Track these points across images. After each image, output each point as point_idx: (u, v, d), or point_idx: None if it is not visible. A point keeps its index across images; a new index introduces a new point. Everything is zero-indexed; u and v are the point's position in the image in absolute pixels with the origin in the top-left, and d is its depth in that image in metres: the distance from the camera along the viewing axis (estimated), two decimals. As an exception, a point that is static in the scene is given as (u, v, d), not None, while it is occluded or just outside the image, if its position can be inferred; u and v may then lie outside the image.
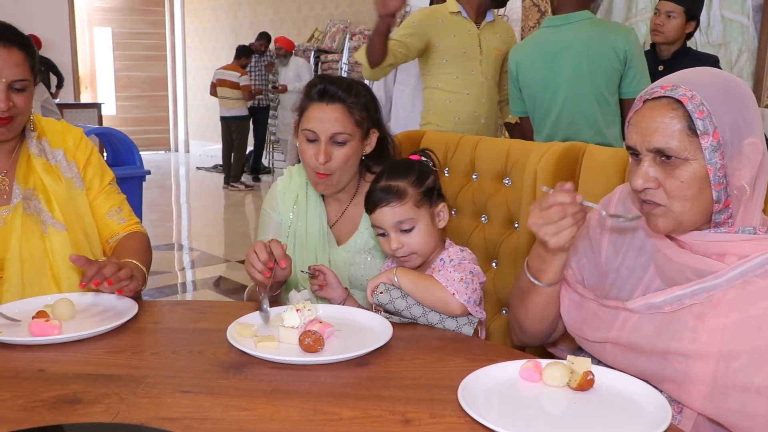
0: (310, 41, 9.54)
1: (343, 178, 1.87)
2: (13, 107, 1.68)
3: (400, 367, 1.31)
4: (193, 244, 6.17)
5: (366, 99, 1.86)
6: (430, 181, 1.69)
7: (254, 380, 1.24)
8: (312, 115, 1.82)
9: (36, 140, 1.85)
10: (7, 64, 1.66)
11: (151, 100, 13.03)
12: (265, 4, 11.09)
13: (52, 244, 1.78)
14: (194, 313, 1.59)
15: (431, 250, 1.69)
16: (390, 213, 1.65)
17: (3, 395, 1.18)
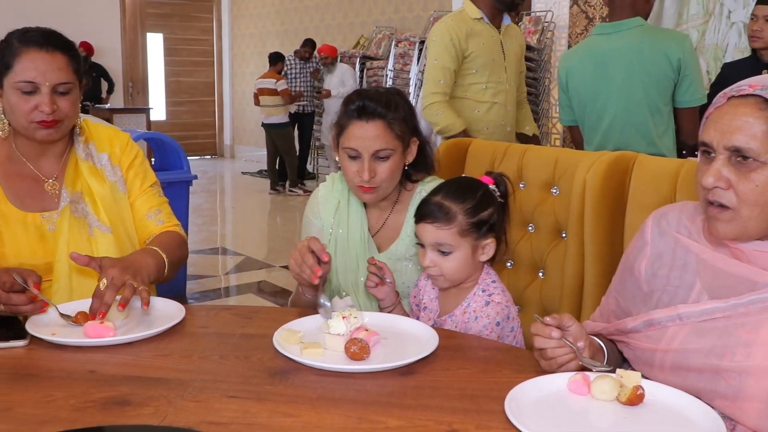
0: (356, 48, 9.58)
1: (389, 189, 1.87)
2: (57, 110, 1.72)
3: (445, 377, 1.30)
4: (237, 249, 6.22)
5: (405, 110, 1.85)
6: (485, 213, 1.64)
7: (300, 387, 1.25)
8: (353, 133, 1.81)
9: (83, 144, 1.89)
10: (51, 68, 1.70)
11: (198, 105, 13.22)
12: (311, 11, 11.18)
13: (98, 247, 1.81)
14: (241, 318, 1.61)
15: (462, 280, 1.67)
16: (432, 232, 1.63)
17: (56, 395, 1.21)
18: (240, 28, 12.99)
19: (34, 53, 1.70)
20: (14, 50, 1.71)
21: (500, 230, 1.70)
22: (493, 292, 1.65)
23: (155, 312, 1.59)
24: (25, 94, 1.70)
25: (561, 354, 1.27)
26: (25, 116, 1.71)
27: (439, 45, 3.15)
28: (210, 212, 8.18)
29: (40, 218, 1.80)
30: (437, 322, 1.68)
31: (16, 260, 1.74)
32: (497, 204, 1.68)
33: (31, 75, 1.69)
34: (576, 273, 1.89)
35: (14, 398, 1.19)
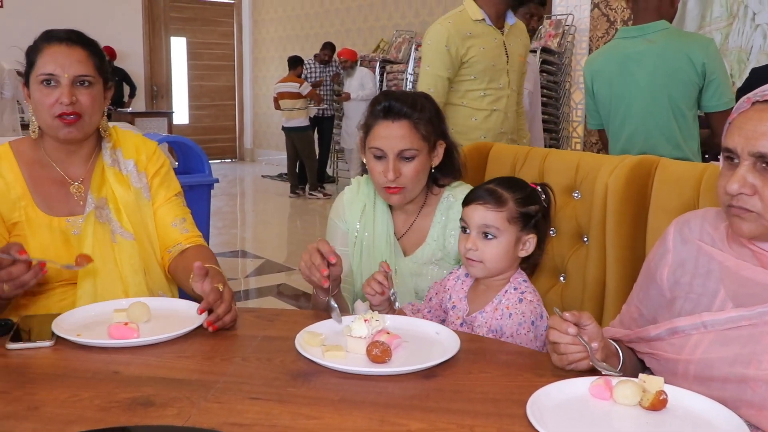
0: (376, 51, 9.60)
1: (415, 191, 1.88)
2: (77, 103, 1.74)
3: (467, 381, 1.30)
4: (257, 252, 6.25)
5: (431, 112, 1.86)
6: (533, 208, 1.68)
7: (322, 389, 1.25)
8: (378, 132, 1.83)
9: (111, 150, 1.91)
10: (70, 61, 1.74)
11: (219, 109, 13.30)
12: (331, 15, 11.22)
13: (121, 253, 1.83)
14: (262, 321, 1.61)
15: (500, 271, 1.68)
16: (482, 213, 1.65)
17: (81, 395, 1.22)
18: (261, 33, 13.06)
19: (54, 47, 1.75)
20: (37, 48, 1.77)
21: (542, 235, 1.72)
22: (525, 290, 1.66)
23: (178, 314, 1.60)
24: (46, 88, 1.73)
25: (573, 351, 1.27)
26: (47, 111, 1.73)
27: (432, 50, 2.94)
28: (230, 215, 8.22)
29: (66, 222, 1.81)
30: (467, 320, 1.68)
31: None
32: (542, 206, 1.72)
33: (51, 67, 1.73)
34: (597, 277, 1.88)
35: (41, 397, 1.21)
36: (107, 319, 1.54)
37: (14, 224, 1.79)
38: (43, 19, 10.18)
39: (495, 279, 1.70)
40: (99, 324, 1.53)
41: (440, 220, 1.92)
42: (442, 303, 1.79)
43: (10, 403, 1.19)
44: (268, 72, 12.90)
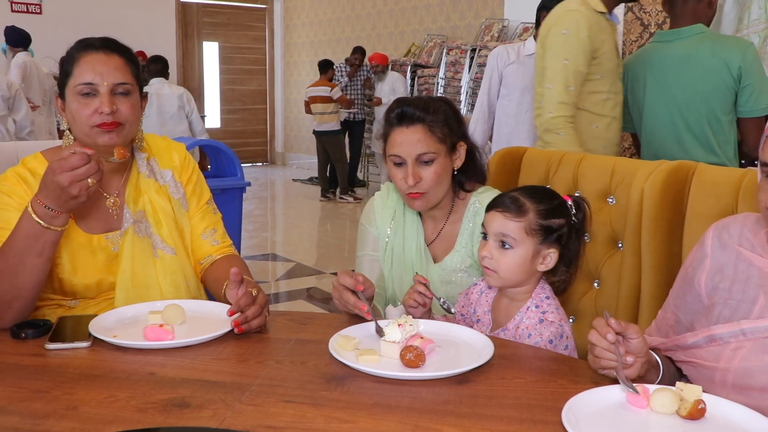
0: (407, 56, 9.61)
1: (437, 195, 1.87)
2: (117, 112, 1.68)
3: (501, 386, 1.29)
4: (288, 255, 6.28)
5: (446, 114, 1.85)
6: (556, 222, 1.63)
7: (356, 393, 1.25)
8: (395, 139, 1.83)
9: (146, 161, 1.86)
10: (108, 69, 1.68)
11: (251, 113, 13.39)
12: (362, 19, 11.25)
13: (162, 268, 1.79)
14: (295, 324, 1.62)
15: (517, 283, 1.65)
16: (500, 221, 1.62)
17: (118, 395, 1.23)
18: (292, 37, 13.14)
19: (91, 56, 1.69)
20: (73, 57, 1.71)
21: (569, 251, 1.67)
22: (546, 310, 1.62)
23: (212, 316, 1.61)
24: (84, 98, 1.67)
25: (606, 357, 1.26)
26: (86, 121, 1.67)
27: (572, 40, 2.58)
28: (261, 218, 8.28)
29: (105, 240, 1.77)
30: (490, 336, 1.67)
31: (80, 281, 1.73)
32: (570, 221, 1.67)
33: (89, 76, 1.67)
34: (633, 284, 1.86)
35: (79, 397, 1.23)
36: (143, 320, 1.56)
37: None
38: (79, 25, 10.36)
39: (516, 291, 1.67)
40: (135, 325, 1.55)
41: (468, 226, 1.92)
42: (466, 317, 1.77)
43: (49, 402, 1.21)
44: (299, 76, 12.97)
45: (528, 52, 3.98)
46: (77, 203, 1.52)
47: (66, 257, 1.72)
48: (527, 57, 3.98)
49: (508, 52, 4.03)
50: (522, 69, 3.98)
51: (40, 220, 1.51)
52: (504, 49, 4.07)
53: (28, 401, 1.21)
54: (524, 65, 3.98)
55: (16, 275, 1.55)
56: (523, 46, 4.04)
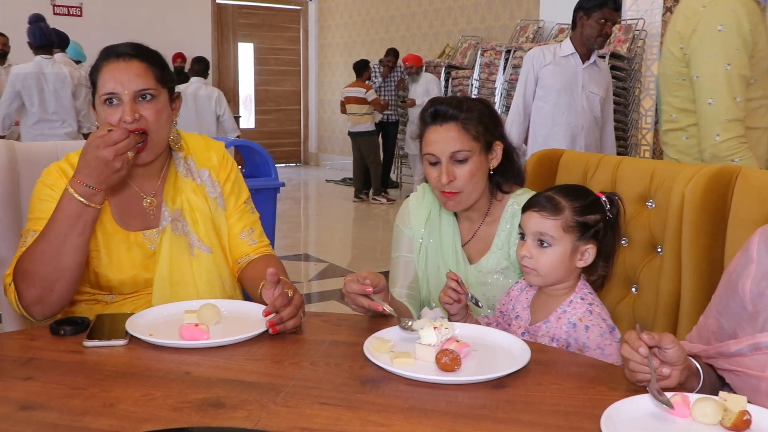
0: (441, 57, 9.58)
1: (472, 195, 1.85)
2: (141, 119, 1.68)
3: (538, 392, 1.27)
4: (320, 256, 6.30)
5: (481, 113, 1.84)
6: (592, 218, 1.64)
7: (391, 396, 1.24)
8: (429, 138, 1.83)
9: (183, 160, 1.87)
10: (128, 76, 1.68)
11: (285, 113, 13.46)
12: (396, 20, 11.25)
13: (198, 267, 1.81)
14: (330, 325, 1.62)
15: (556, 280, 1.65)
16: (537, 220, 1.63)
17: (154, 394, 1.24)
18: (326, 38, 13.18)
19: (112, 65, 1.70)
20: (96, 68, 1.73)
21: (606, 247, 1.67)
22: (593, 302, 1.63)
23: (247, 316, 1.62)
24: (109, 107, 1.69)
25: (641, 371, 1.23)
26: None
27: (733, 37, 2.16)
28: (294, 219, 8.31)
29: (142, 237, 1.80)
30: (530, 330, 1.66)
31: (117, 276, 1.76)
32: (605, 217, 1.67)
33: (111, 86, 1.68)
34: (672, 290, 1.83)
35: (116, 395, 1.23)
36: (178, 319, 1.57)
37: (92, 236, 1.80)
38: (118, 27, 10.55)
39: (556, 288, 1.67)
40: (170, 324, 1.55)
41: (505, 228, 1.90)
42: (504, 314, 1.76)
43: (87, 399, 1.22)
44: (333, 77, 13.01)
45: (564, 53, 3.98)
46: (119, 177, 1.58)
47: (103, 251, 1.76)
48: (563, 58, 3.98)
49: (544, 54, 4.02)
50: (558, 70, 3.97)
51: (82, 198, 1.56)
52: (540, 51, 4.05)
53: (66, 397, 1.23)
54: (561, 66, 3.97)
55: (59, 255, 1.59)
56: (559, 48, 4.03)
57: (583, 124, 3.99)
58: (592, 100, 4.02)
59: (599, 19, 3.82)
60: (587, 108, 4.00)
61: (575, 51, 3.97)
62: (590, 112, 4.01)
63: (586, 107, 3.99)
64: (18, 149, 2.08)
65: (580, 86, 3.98)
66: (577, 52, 3.97)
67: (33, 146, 2.18)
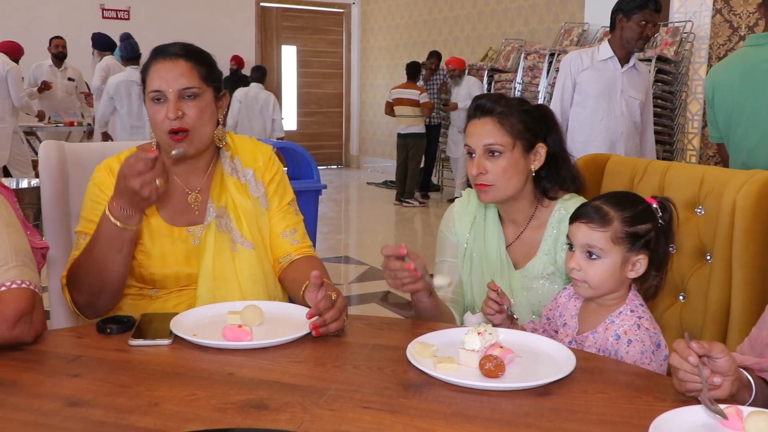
0: (484, 60, 9.54)
1: (506, 190, 1.84)
2: (184, 117, 1.73)
3: (583, 400, 1.25)
4: (361, 258, 6.31)
5: (525, 112, 1.84)
6: (643, 228, 1.58)
7: (434, 401, 1.23)
8: (468, 131, 1.85)
9: (229, 159, 1.91)
10: (173, 75, 1.74)
11: (327, 116, 13.52)
12: (440, 23, 11.23)
13: (240, 262, 1.84)
14: (373, 329, 1.61)
15: (607, 291, 1.60)
16: (585, 232, 1.58)
17: (198, 394, 1.25)
18: (369, 41, 13.21)
19: (159, 64, 1.77)
20: (146, 67, 1.80)
21: (658, 255, 1.62)
22: (643, 316, 1.58)
23: (290, 318, 1.62)
24: (156, 105, 1.75)
25: (691, 380, 1.20)
26: (159, 127, 1.75)
27: None
28: (335, 221, 8.34)
29: (186, 232, 1.84)
30: (577, 339, 1.63)
31: (160, 271, 1.81)
32: (657, 224, 1.61)
33: (157, 84, 1.74)
34: (721, 299, 1.79)
35: (161, 394, 1.24)
36: (222, 320, 1.58)
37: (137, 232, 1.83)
38: (164, 29, 10.72)
39: (606, 298, 1.62)
40: (214, 325, 1.56)
41: (552, 233, 1.87)
42: (551, 320, 1.74)
43: (132, 398, 1.23)
44: (375, 80, 13.04)
45: (602, 57, 3.85)
46: (149, 203, 1.63)
47: (147, 245, 1.81)
48: (602, 62, 3.85)
49: (582, 58, 3.91)
50: (597, 75, 3.85)
51: (117, 221, 1.62)
52: (577, 55, 3.95)
53: (112, 395, 1.24)
54: (599, 71, 3.85)
55: (102, 270, 1.67)
56: (597, 51, 3.91)
57: (622, 130, 3.87)
58: (631, 104, 3.89)
59: (640, 21, 3.69)
60: (626, 113, 3.87)
61: (614, 54, 3.84)
62: (629, 117, 3.89)
63: (625, 112, 3.86)
64: (67, 150, 2.12)
65: (619, 91, 3.85)
66: (615, 56, 3.85)
67: (82, 147, 2.22)
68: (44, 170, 2.05)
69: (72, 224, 2.07)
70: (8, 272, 1.46)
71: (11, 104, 7.10)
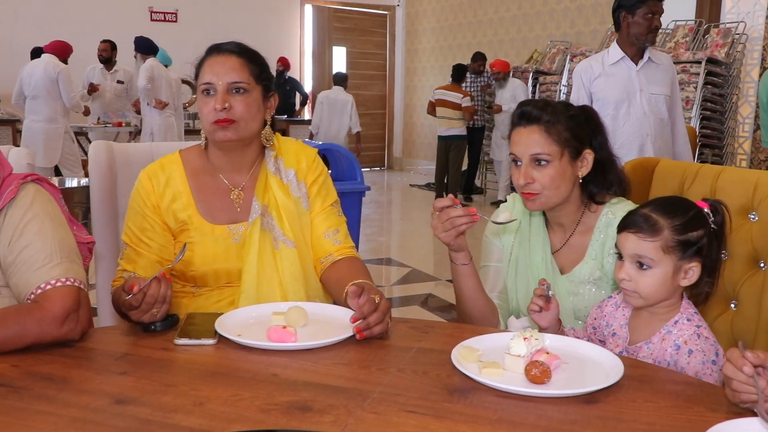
0: (529, 62, 9.46)
1: (553, 198, 1.81)
2: (231, 109, 1.78)
3: (632, 409, 1.22)
4: (403, 260, 6.29)
5: (571, 118, 1.80)
6: (694, 234, 1.53)
7: (479, 407, 1.22)
8: (513, 138, 1.82)
9: (273, 159, 1.94)
10: (224, 69, 1.80)
11: (371, 118, 13.51)
12: (484, 25, 11.17)
13: (282, 261, 1.86)
14: (417, 332, 1.60)
15: (657, 301, 1.56)
16: (634, 242, 1.54)
17: (242, 395, 1.25)
18: (413, 43, 13.21)
19: (213, 59, 1.83)
20: (200, 61, 1.86)
21: (711, 260, 1.57)
22: (701, 324, 1.54)
23: (334, 320, 1.62)
24: (205, 97, 1.81)
25: (746, 391, 1.17)
26: (206, 118, 1.80)
27: None
28: (378, 223, 8.34)
29: (227, 230, 1.86)
30: (629, 350, 1.59)
31: (200, 268, 1.84)
32: (709, 229, 1.56)
33: (208, 77, 1.80)
34: (776, 307, 1.74)
35: (205, 394, 1.25)
36: (266, 321, 1.58)
37: (181, 231, 1.87)
38: (213, 31, 10.82)
39: (658, 307, 1.58)
40: (258, 325, 1.57)
41: (599, 237, 1.84)
42: (597, 330, 1.70)
43: (177, 397, 1.24)
44: (419, 81, 13.02)
45: (613, 60, 3.67)
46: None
47: (187, 244, 1.81)
48: (613, 66, 3.67)
49: (592, 66, 3.72)
50: (611, 81, 3.66)
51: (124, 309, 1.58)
52: (588, 64, 3.76)
53: (158, 394, 1.25)
54: (612, 76, 3.66)
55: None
56: (606, 55, 3.73)
57: (647, 131, 3.66)
58: (654, 101, 3.67)
59: (645, 14, 3.50)
60: (649, 112, 3.66)
61: (624, 54, 3.64)
62: (654, 115, 3.68)
63: (648, 112, 3.65)
64: (116, 150, 2.16)
65: (638, 91, 3.64)
66: (626, 55, 3.64)
67: (129, 147, 2.26)
68: (94, 169, 2.09)
69: (119, 222, 2.11)
70: (54, 269, 1.49)
71: (63, 105, 7.26)
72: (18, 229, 1.52)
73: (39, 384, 1.29)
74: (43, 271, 1.49)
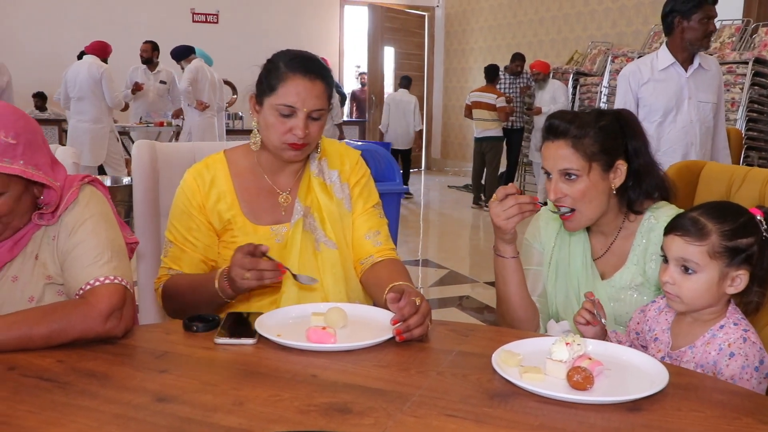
0: (569, 63, 9.36)
1: (588, 214, 1.77)
2: (308, 135, 1.78)
3: (676, 418, 1.20)
4: (440, 262, 6.27)
5: (601, 129, 1.75)
6: (744, 241, 1.48)
7: (520, 412, 1.20)
8: (543, 153, 1.79)
9: (317, 161, 1.95)
10: (310, 95, 1.77)
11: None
12: (524, 26, 11.10)
13: (323, 261, 1.87)
14: (457, 335, 1.59)
15: (700, 307, 1.53)
16: (680, 246, 1.50)
17: (282, 395, 1.25)
18: (452, 44, 13.17)
19: (298, 79, 1.77)
20: (280, 74, 1.78)
21: (761, 269, 1.51)
22: (748, 329, 1.50)
23: (374, 322, 1.61)
24: (282, 117, 1.77)
25: None
26: (279, 136, 1.78)
27: None
28: (415, 224, 8.33)
29: (270, 231, 1.88)
30: (672, 355, 1.56)
31: None
32: (761, 237, 1.51)
33: (292, 100, 1.76)
34: (828, 316, 1.69)
35: (245, 394, 1.25)
36: (306, 321, 1.58)
37: (225, 230, 1.88)
38: (253, 33, 10.97)
39: (703, 313, 1.54)
40: (298, 326, 1.57)
41: (641, 242, 1.81)
42: (640, 335, 1.67)
43: (217, 396, 1.25)
44: (458, 83, 12.98)
45: (663, 65, 3.58)
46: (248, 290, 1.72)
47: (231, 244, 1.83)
48: (663, 72, 3.57)
49: (641, 70, 3.62)
50: (661, 86, 3.58)
51: (219, 291, 1.70)
52: (636, 67, 3.66)
53: (198, 392, 1.26)
54: (662, 82, 3.58)
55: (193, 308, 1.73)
56: (656, 59, 3.62)
57: (692, 140, 3.58)
58: (702, 109, 3.60)
59: (701, 18, 3.42)
60: (696, 120, 3.58)
61: (675, 60, 3.56)
62: (701, 123, 3.59)
63: (695, 120, 3.58)
64: (158, 149, 2.18)
65: (687, 98, 3.57)
66: (677, 61, 3.56)
67: (172, 147, 2.28)
68: (137, 169, 2.12)
69: (162, 221, 2.13)
70: (103, 267, 1.53)
71: (107, 105, 7.38)
72: (75, 228, 1.58)
73: (83, 380, 1.31)
74: (92, 268, 1.53)
